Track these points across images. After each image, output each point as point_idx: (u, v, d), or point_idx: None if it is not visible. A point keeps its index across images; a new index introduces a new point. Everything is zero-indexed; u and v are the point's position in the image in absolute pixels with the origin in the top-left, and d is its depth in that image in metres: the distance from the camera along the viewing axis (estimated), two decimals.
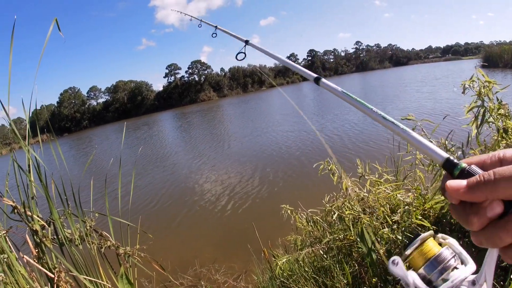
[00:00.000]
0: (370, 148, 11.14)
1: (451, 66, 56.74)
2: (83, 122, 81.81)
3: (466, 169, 0.54)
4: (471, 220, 0.50)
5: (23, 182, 2.52)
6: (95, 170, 17.50)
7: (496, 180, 0.48)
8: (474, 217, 0.50)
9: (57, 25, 2.52)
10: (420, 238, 0.67)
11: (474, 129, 2.55)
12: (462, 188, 0.51)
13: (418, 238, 0.67)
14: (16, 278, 2.20)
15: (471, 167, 0.54)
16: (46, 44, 2.59)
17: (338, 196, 3.11)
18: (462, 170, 0.54)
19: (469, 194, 0.50)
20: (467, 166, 0.54)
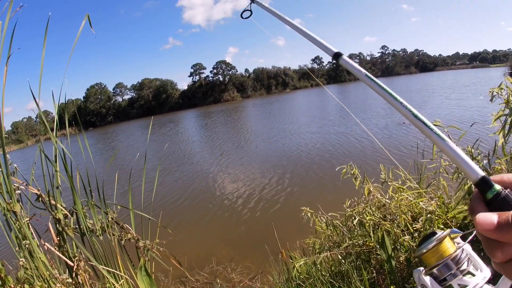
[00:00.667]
0: (394, 154, 10.97)
1: (479, 73, 55.53)
2: (108, 117, 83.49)
3: (502, 195, 0.50)
4: (495, 252, 0.48)
5: (49, 172, 2.57)
6: (120, 164, 17.82)
7: None
8: (498, 251, 0.48)
9: (89, 21, 2.58)
10: (437, 238, 0.65)
11: (501, 138, 2.48)
12: (492, 226, 0.47)
13: (435, 238, 0.65)
14: (36, 264, 2.25)
15: (508, 195, 0.50)
16: (78, 39, 2.65)
17: (359, 201, 3.07)
18: (497, 194, 0.50)
19: (498, 234, 0.47)
20: (503, 190, 0.50)
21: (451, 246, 0.65)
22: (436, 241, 0.64)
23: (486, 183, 0.52)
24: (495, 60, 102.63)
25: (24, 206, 2.53)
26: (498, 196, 0.50)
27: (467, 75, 54.05)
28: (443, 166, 2.85)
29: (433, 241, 0.65)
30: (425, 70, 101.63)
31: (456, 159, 0.56)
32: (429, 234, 0.67)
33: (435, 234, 0.66)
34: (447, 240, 0.65)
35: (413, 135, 12.92)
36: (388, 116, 19.77)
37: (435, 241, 0.65)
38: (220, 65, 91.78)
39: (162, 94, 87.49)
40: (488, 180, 0.52)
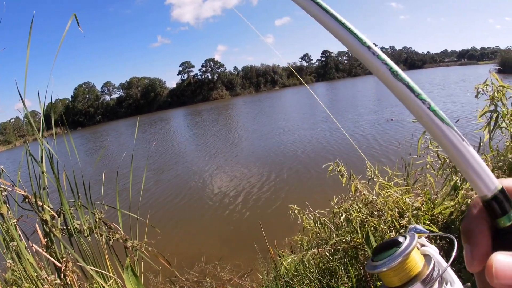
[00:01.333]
0: (381, 151, 11.05)
1: (468, 70, 56.05)
2: (97, 117, 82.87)
3: None
4: None
5: (35, 173, 2.56)
6: (111, 164, 17.68)
7: None
8: None
9: (76, 20, 2.56)
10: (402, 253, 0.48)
11: (486, 134, 2.51)
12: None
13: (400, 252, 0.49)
14: (24, 266, 2.23)
15: None
16: (64, 39, 2.63)
17: (346, 198, 3.09)
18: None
19: None
20: None
21: (419, 260, 0.50)
22: (402, 257, 0.48)
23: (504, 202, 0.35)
24: (483, 57, 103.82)
25: (11, 207, 2.51)
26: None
27: (455, 72, 54.53)
28: (429, 162, 2.88)
29: (397, 256, 0.49)
30: (413, 67, 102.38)
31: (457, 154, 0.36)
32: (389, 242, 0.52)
33: (398, 244, 0.50)
34: (415, 252, 0.50)
35: (400, 132, 13.04)
36: (377, 113, 19.94)
37: (400, 257, 0.48)
38: (209, 63, 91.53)
39: (151, 92, 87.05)
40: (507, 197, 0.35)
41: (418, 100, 0.38)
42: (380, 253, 0.51)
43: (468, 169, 0.35)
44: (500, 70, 34.94)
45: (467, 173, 0.36)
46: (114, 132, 44.41)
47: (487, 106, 2.51)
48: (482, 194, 0.35)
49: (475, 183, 0.35)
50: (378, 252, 0.51)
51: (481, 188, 0.35)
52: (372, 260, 0.52)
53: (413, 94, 0.38)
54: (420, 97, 0.38)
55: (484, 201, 0.36)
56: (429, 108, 0.37)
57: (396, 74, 0.38)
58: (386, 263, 0.49)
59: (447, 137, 0.37)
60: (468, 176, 0.36)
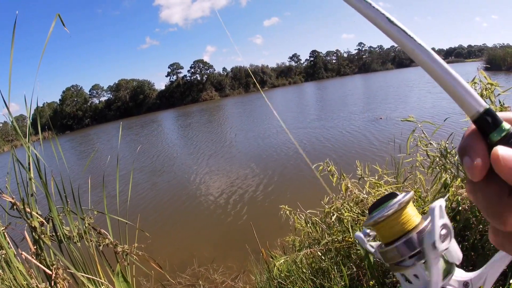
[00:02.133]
0: (371, 150, 11.12)
1: (456, 68, 56.37)
2: (85, 120, 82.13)
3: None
4: (508, 217, 0.33)
5: (23, 179, 2.52)
6: (98, 168, 17.52)
7: None
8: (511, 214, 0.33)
9: (61, 20, 2.52)
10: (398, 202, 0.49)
11: None
12: None
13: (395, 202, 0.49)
14: (14, 274, 2.20)
15: None
16: (48, 40, 2.60)
17: (337, 197, 3.10)
18: (508, 135, 0.36)
19: None
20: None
21: (415, 215, 0.50)
22: (397, 205, 0.49)
23: (492, 120, 0.37)
24: (470, 55, 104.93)
25: None
26: (510, 138, 0.36)
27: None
28: (419, 160, 2.90)
29: (392, 206, 0.49)
30: (401, 66, 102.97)
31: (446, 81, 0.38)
32: (386, 196, 0.52)
33: (395, 196, 0.51)
34: (411, 206, 0.51)
35: (389, 131, 13.14)
36: (365, 111, 20.08)
37: (395, 205, 0.49)
38: (198, 64, 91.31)
39: (140, 94, 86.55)
40: (494, 115, 0.37)
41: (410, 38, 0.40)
42: (376, 207, 0.51)
43: (458, 92, 0.38)
44: (487, 67, 35.38)
45: (458, 96, 0.38)
46: (105, 134, 44.02)
47: None
48: (472, 113, 0.37)
49: (465, 104, 0.38)
50: (375, 207, 0.52)
51: (471, 108, 0.37)
52: (369, 215, 0.52)
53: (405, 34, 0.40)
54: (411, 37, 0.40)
55: (475, 120, 0.38)
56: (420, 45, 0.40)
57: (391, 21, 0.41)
58: (380, 212, 0.49)
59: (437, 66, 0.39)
60: (459, 98, 0.38)
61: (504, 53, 39.38)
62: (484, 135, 0.37)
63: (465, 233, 2.25)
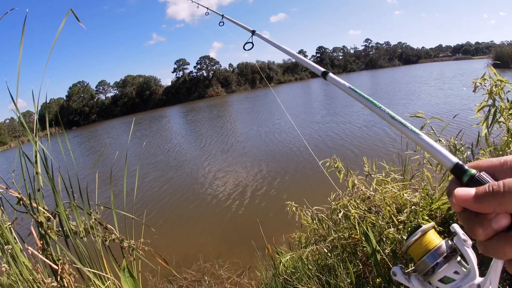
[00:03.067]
0: (377, 147, 11.06)
1: (464, 65, 56.05)
2: (92, 116, 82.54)
3: (476, 176, 0.52)
4: (476, 230, 0.49)
5: (29, 175, 2.53)
6: (105, 163, 17.60)
7: (505, 193, 0.46)
8: (479, 228, 0.49)
9: (75, 15, 2.51)
10: (421, 229, 0.67)
11: (484, 129, 2.50)
12: (470, 197, 0.49)
13: (419, 230, 0.67)
14: (20, 269, 2.21)
15: (481, 175, 0.52)
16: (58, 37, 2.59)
17: (344, 194, 3.08)
18: (471, 177, 0.53)
19: (477, 205, 0.49)
20: (477, 173, 0.53)
21: (436, 237, 0.66)
22: (420, 232, 0.66)
23: (461, 169, 0.54)
24: (478, 52, 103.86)
25: (5, 210, 2.49)
26: (472, 178, 0.52)
27: (452, 67, 54.45)
28: (426, 157, 2.87)
29: (417, 233, 0.67)
30: (408, 62, 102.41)
31: (430, 150, 0.61)
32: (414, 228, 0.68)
33: (420, 227, 0.68)
34: (432, 232, 0.67)
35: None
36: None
37: (419, 232, 0.66)
38: (204, 60, 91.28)
39: (146, 90, 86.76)
40: (461, 165, 0.55)
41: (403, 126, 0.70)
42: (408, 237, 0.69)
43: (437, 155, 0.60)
44: (496, 64, 35.06)
45: (437, 158, 0.59)
46: (114, 130, 44.14)
47: (485, 100, 2.49)
48: (448, 166, 0.57)
49: (442, 161, 0.58)
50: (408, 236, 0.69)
51: (446, 163, 0.57)
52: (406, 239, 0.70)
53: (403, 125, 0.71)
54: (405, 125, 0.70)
55: (451, 171, 0.56)
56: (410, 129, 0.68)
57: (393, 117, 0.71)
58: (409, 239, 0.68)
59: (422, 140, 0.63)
60: (437, 159, 0.59)
61: None
62: (458, 178, 0.55)
63: None
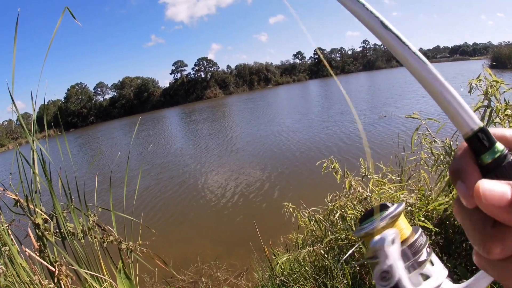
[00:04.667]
0: (375, 148, 11.07)
1: (463, 66, 56.14)
2: (90, 117, 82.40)
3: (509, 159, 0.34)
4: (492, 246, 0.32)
5: (26, 177, 2.53)
6: (104, 165, 17.59)
7: None
8: (497, 245, 0.32)
9: (71, 13, 2.48)
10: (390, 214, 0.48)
11: None
12: (505, 201, 0.30)
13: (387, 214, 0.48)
14: (17, 271, 2.21)
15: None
16: (54, 37, 2.59)
17: (340, 195, 3.09)
18: (501, 157, 0.34)
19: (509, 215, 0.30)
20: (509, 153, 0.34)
21: (406, 226, 0.49)
22: (388, 218, 0.48)
23: (485, 140, 0.35)
24: (476, 53, 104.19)
25: (2, 211, 2.49)
26: (502, 161, 0.34)
27: (451, 67, 54.56)
28: (423, 158, 2.88)
29: (384, 218, 0.48)
30: None
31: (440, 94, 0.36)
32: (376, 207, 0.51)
33: (386, 208, 0.50)
34: (402, 219, 0.50)
35: (394, 129, 13.11)
36: (370, 109, 20.02)
37: (387, 218, 0.48)
38: (202, 62, 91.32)
39: (144, 92, 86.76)
40: (488, 134, 0.35)
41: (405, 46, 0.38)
42: (368, 218, 0.50)
43: (450, 107, 0.36)
44: (493, 65, 35.20)
45: (450, 112, 0.36)
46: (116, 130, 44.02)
47: (481, 101, 2.51)
48: (465, 132, 0.35)
49: (458, 121, 0.36)
50: (366, 218, 0.51)
51: (464, 126, 0.35)
52: (359, 225, 0.51)
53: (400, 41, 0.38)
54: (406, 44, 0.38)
55: (467, 139, 0.36)
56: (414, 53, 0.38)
57: (386, 26, 0.38)
58: (371, 224, 0.48)
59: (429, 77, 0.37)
60: (451, 115, 0.36)
61: (509, 51, 39.14)
62: (477, 155, 0.35)
63: None
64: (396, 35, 0.38)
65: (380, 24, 0.38)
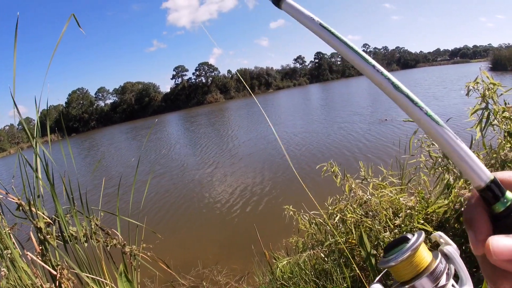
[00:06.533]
0: (375, 151, 11.07)
1: (463, 68, 56.07)
2: (91, 122, 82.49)
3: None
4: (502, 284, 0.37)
5: (29, 181, 2.54)
6: (105, 170, 17.60)
7: None
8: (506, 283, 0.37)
9: (76, 21, 2.51)
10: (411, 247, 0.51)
11: (478, 132, 2.52)
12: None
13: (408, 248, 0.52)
14: (19, 274, 2.22)
15: None
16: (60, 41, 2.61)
17: (341, 198, 3.10)
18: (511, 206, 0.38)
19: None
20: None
21: (427, 254, 0.53)
22: (410, 251, 0.51)
23: (496, 190, 0.39)
24: (476, 55, 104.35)
25: (5, 215, 2.50)
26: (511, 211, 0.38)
27: (452, 70, 54.55)
28: (423, 161, 2.89)
29: (406, 251, 0.51)
30: (406, 67, 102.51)
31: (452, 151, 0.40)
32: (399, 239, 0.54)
33: (407, 240, 0.53)
34: (423, 247, 0.53)
35: (395, 132, 13.11)
36: (370, 113, 20.02)
37: (408, 251, 0.51)
38: (203, 66, 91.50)
39: (145, 97, 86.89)
40: (499, 185, 0.39)
41: (416, 107, 0.42)
42: (391, 249, 0.54)
43: (463, 163, 0.40)
44: (492, 67, 35.20)
45: (463, 167, 0.40)
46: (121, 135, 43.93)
47: (478, 104, 2.52)
48: (477, 185, 0.39)
49: (470, 175, 0.39)
50: (390, 249, 0.55)
51: (476, 179, 0.39)
52: (383, 256, 0.55)
53: (412, 103, 0.42)
54: (418, 105, 0.42)
55: (480, 191, 0.39)
56: (426, 114, 0.42)
57: (397, 87, 0.43)
58: (396, 257, 0.52)
59: (443, 137, 0.41)
60: (464, 170, 0.40)
61: (509, 53, 39.20)
62: (488, 204, 0.39)
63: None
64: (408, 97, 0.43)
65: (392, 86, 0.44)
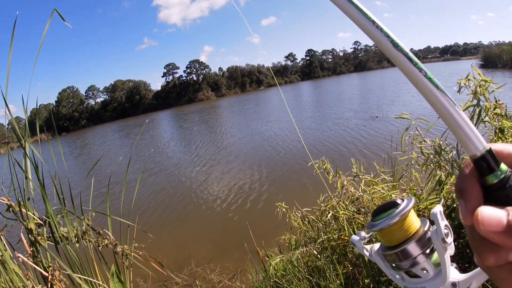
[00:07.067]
0: (367, 148, 11.13)
1: (454, 65, 56.47)
2: (81, 121, 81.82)
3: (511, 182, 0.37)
4: (487, 256, 0.37)
5: (19, 182, 2.51)
6: (99, 169, 17.48)
7: None
8: (491, 255, 0.37)
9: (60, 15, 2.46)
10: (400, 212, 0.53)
11: None
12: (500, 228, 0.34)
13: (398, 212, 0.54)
14: (11, 276, 2.20)
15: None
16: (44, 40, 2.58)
17: (333, 195, 3.11)
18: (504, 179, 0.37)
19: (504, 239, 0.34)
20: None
21: (416, 221, 0.55)
22: (399, 216, 0.53)
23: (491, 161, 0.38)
24: (466, 52, 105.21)
25: None
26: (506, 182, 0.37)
27: (443, 67, 54.80)
28: (414, 158, 2.91)
29: (395, 216, 0.53)
30: None
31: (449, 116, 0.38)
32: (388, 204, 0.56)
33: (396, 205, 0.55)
34: (412, 213, 0.55)
35: (386, 128, 13.18)
36: (363, 110, 20.11)
37: (398, 216, 0.53)
38: (194, 64, 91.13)
39: (136, 95, 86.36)
40: (494, 157, 0.38)
41: (415, 68, 0.40)
42: (380, 213, 0.56)
43: (459, 130, 0.38)
44: (483, 65, 35.48)
45: (459, 134, 0.38)
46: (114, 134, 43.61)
47: (470, 100, 2.53)
48: (472, 154, 0.38)
49: (465, 143, 0.38)
50: (378, 213, 0.56)
51: (471, 148, 0.38)
52: (372, 220, 0.57)
53: (411, 63, 0.40)
54: (417, 66, 0.40)
55: (474, 160, 0.38)
56: (425, 75, 0.39)
57: (396, 45, 0.41)
58: (385, 221, 0.54)
59: (440, 101, 0.39)
60: (459, 137, 0.38)
61: (499, 50, 39.45)
62: (482, 175, 0.38)
63: (461, 230, 2.26)
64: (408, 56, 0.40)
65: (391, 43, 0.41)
